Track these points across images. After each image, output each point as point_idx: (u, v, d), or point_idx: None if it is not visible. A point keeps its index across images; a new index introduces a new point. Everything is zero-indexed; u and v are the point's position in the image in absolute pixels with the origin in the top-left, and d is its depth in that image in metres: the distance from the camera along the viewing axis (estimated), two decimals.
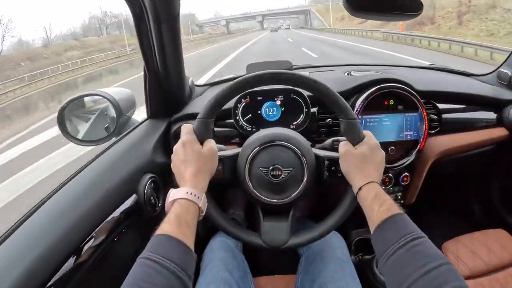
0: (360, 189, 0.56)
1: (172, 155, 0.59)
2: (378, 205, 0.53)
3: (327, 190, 1.04)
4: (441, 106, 0.97)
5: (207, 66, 9.99)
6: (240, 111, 0.84)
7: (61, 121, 0.87)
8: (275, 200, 0.63)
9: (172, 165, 0.60)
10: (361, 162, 0.58)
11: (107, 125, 0.97)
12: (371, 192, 0.55)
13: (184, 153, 0.57)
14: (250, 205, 1.11)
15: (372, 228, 0.53)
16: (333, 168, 0.63)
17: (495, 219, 1.18)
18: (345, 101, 0.61)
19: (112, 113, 0.92)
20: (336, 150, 0.64)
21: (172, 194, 0.54)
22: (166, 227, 0.48)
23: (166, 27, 0.72)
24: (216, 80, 1.11)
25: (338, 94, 0.61)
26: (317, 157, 0.65)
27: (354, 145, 0.60)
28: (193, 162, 0.56)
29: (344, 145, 0.60)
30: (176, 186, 0.58)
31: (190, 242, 0.49)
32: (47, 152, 4.34)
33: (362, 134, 0.60)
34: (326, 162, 0.64)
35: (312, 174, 0.63)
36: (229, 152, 0.66)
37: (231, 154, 0.65)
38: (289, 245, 0.64)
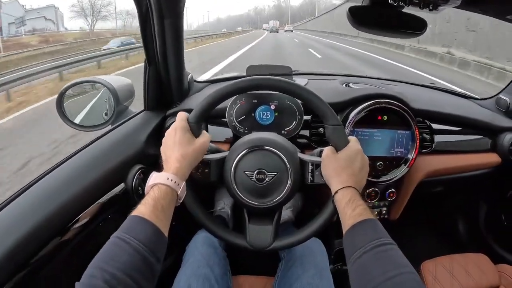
0: (336, 192, 0.58)
1: (163, 138, 0.61)
2: (351, 209, 0.54)
3: (311, 197, 1.05)
4: (435, 126, 0.97)
5: None
6: (234, 111, 0.85)
7: (60, 105, 0.89)
8: (259, 204, 0.65)
9: (161, 148, 0.61)
10: (340, 167, 0.59)
11: (105, 111, 0.99)
12: (346, 196, 0.56)
13: (174, 138, 0.59)
14: (237, 204, 1.13)
15: (343, 231, 0.54)
16: (317, 172, 0.65)
17: (478, 243, 1.18)
18: (330, 107, 0.63)
19: (111, 100, 0.93)
20: None
21: (153, 178, 0.55)
22: (141, 209, 0.50)
23: (169, 23, 0.73)
24: (217, 77, 1.12)
25: (324, 101, 0.63)
26: (301, 161, 0.66)
27: (337, 150, 0.61)
28: (180, 147, 0.58)
29: (326, 150, 0.62)
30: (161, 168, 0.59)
31: (163, 226, 0.50)
32: None
33: (346, 140, 0.62)
34: (310, 167, 0.65)
35: (296, 178, 0.64)
36: (216, 156, 0.68)
37: (218, 158, 0.67)
38: (273, 248, 0.66)
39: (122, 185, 0.77)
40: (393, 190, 0.96)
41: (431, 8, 0.75)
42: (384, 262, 0.47)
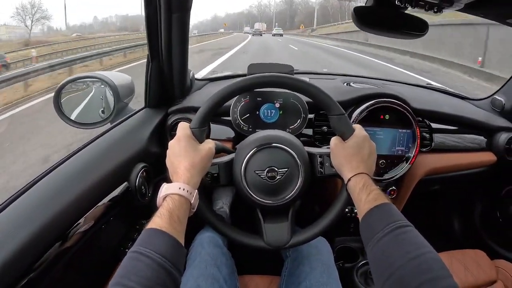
0: (349, 180, 0.58)
1: (168, 150, 0.59)
2: (366, 195, 0.54)
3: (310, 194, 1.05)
4: (434, 125, 0.99)
5: None
6: (238, 110, 0.84)
7: (57, 101, 0.85)
8: (273, 202, 0.64)
9: (166, 161, 0.59)
10: (350, 155, 0.60)
11: (102, 109, 0.96)
12: (359, 183, 0.57)
13: (179, 148, 0.57)
14: (235, 202, 1.12)
15: (360, 217, 0.54)
16: (326, 164, 0.65)
17: (475, 240, 1.21)
18: (333, 98, 0.63)
19: (110, 97, 0.91)
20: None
21: (165, 188, 0.53)
22: (157, 221, 0.48)
23: (176, 17, 0.71)
24: (217, 75, 1.11)
25: (327, 93, 0.63)
26: (310, 154, 0.67)
27: (344, 139, 0.62)
28: (187, 156, 0.56)
29: (334, 140, 0.63)
30: (168, 179, 0.58)
31: (180, 237, 0.49)
32: None
33: (351, 128, 0.62)
34: (319, 159, 0.66)
35: (307, 172, 0.64)
36: (224, 159, 0.67)
37: (227, 160, 0.66)
38: (291, 244, 0.65)
39: (124, 185, 0.74)
40: (393, 188, 0.98)
41: (435, 10, 0.76)
42: (404, 243, 0.46)
